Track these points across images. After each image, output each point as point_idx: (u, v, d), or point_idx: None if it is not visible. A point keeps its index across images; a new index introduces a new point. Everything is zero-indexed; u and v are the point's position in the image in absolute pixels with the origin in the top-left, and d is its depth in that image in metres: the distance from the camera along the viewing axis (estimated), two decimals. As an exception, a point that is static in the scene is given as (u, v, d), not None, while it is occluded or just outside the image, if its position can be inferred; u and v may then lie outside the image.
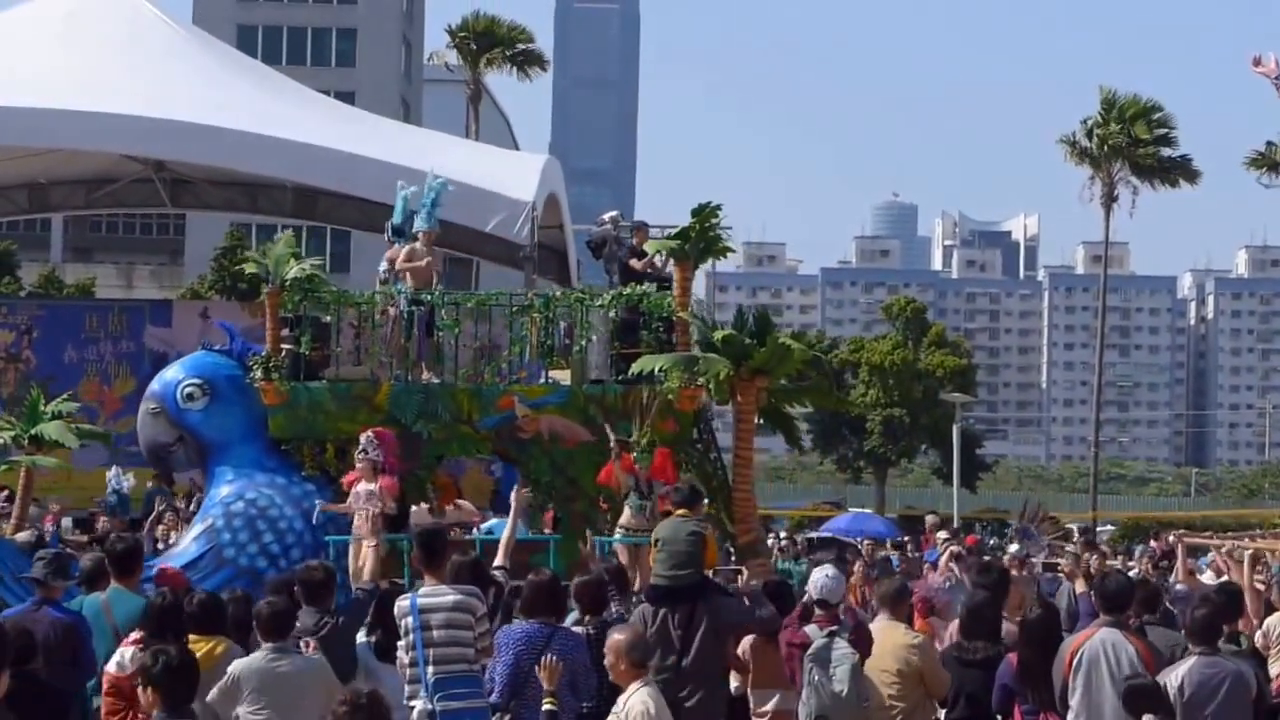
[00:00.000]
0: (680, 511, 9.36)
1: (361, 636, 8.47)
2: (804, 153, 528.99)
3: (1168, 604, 10.63)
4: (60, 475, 17.11)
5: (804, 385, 15.43)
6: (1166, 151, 45.92)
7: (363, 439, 13.04)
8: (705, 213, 14.28)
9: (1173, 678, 7.48)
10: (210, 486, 14.30)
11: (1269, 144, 43.26)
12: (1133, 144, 44.83)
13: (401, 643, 7.96)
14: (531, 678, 7.84)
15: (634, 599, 9.69)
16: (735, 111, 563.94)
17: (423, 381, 14.25)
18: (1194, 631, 7.76)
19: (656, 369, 13.48)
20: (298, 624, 8.09)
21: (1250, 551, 11.12)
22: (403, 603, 8.03)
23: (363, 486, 12.79)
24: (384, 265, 14.87)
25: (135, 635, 7.81)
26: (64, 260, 49.45)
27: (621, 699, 7.02)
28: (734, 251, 15.54)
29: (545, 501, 14.05)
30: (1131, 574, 13.57)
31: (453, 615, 7.88)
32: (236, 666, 7.38)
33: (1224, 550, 11.77)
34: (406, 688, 7.92)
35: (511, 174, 20.95)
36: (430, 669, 7.78)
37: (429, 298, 14.24)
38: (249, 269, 15.16)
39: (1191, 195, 51.34)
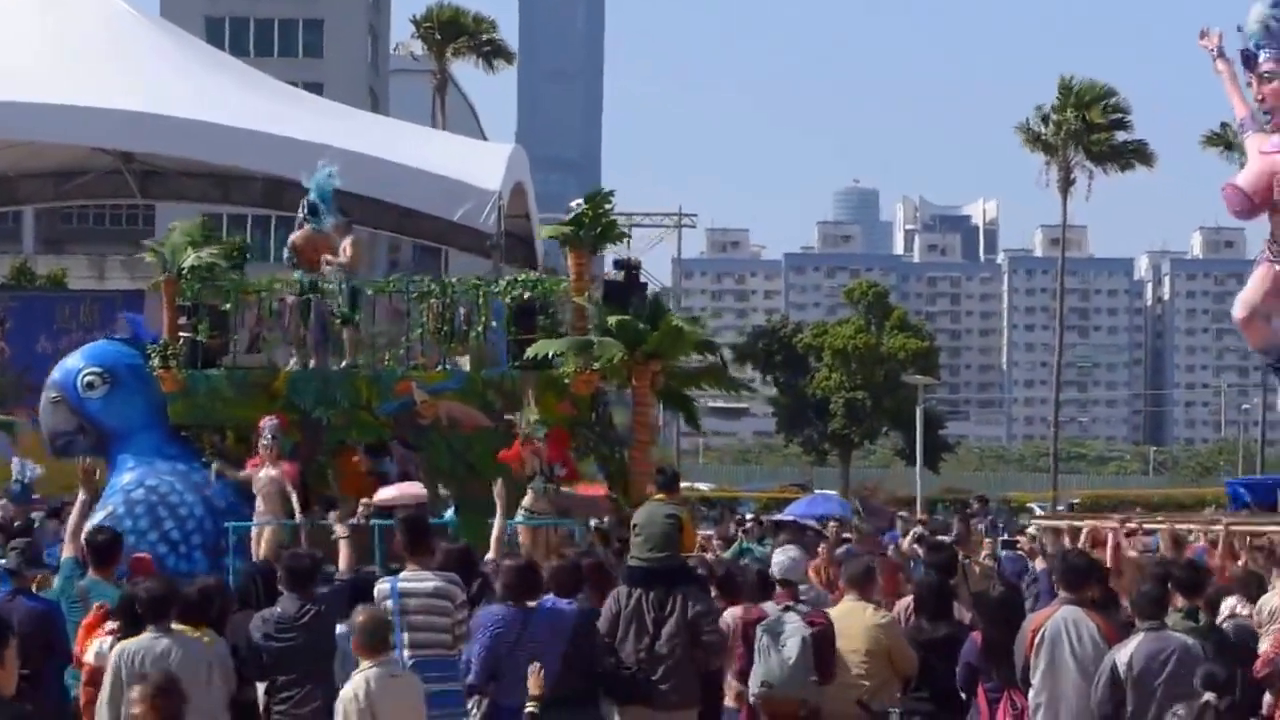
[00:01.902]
0: (658, 495, 9.42)
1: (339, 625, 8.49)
2: (767, 139, 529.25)
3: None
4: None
5: (701, 368, 15.51)
6: (1122, 136, 46.58)
7: (265, 425, 13.15)
8: (598, 199, 14.43)
9: (1121, 654, 7.54)
10: (112, 474, 14.22)
11: (1224, 124, 43.92)
12: (1088, 129, 45.46)
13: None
14: (508, 660, 7.95)
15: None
16: (698, 99, 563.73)
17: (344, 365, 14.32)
18: (1139, 607, 7.80)
19: (552, 353, 13.56)
20: (278, 609, 8.26)
21: (1088, 529, 11.32)
22: (383, 585, 8.14)
23: (264, 472, 12.96)
24: (287, 250, 14.99)
25: (111, 625, 7.92)
26: (35, 252, 49.29)
27: None
28: (627, 237, 15.61)
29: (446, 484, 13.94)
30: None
31: (432, 601, 7.97)
32: (118, 646, 7.48)
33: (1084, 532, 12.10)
34: None
35: (478, 163, 21.16)
36: (408, 652, 7.88)
37: (328, 286, 14.31)
38: (148, 258, 15.16)
39: (1148, 178, 52.09)
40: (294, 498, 12.94)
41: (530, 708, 7.59)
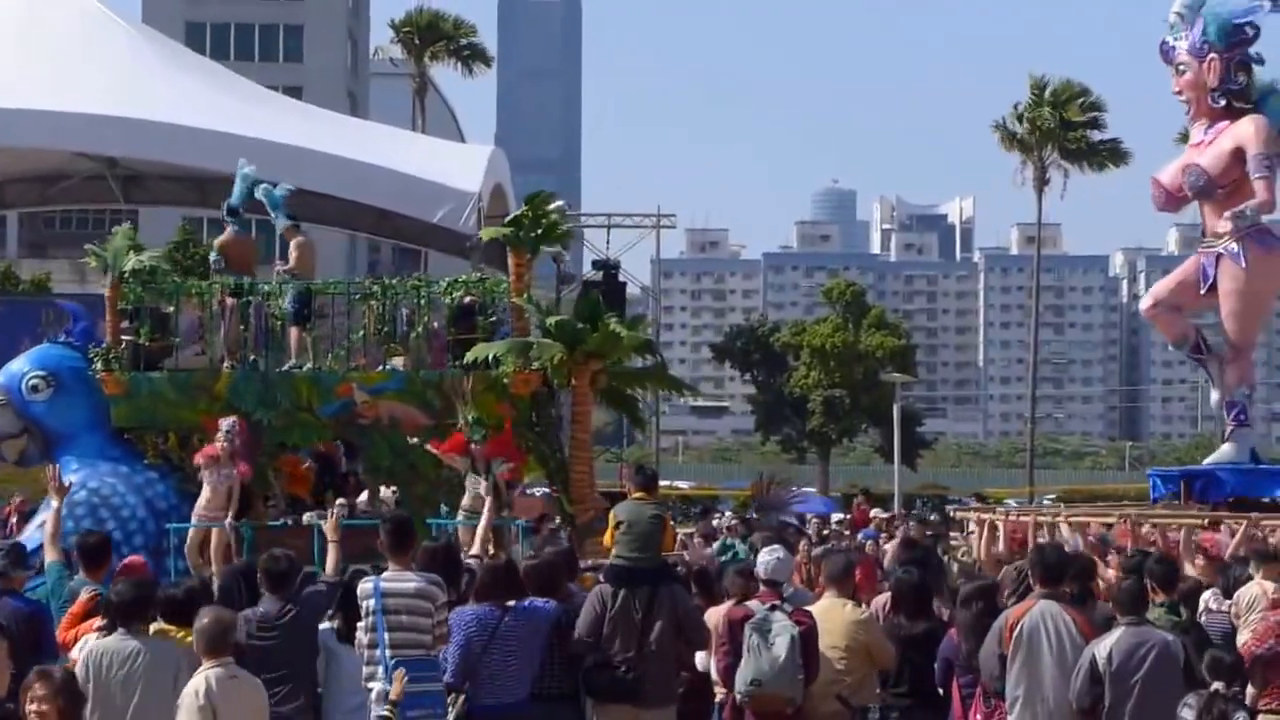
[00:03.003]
0: (638, 494, 9.36)
1: (325, 624, 8.61)
2: (745, 140, 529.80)
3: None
4: (12, 468, 17.23)
5: (643, 369, 15.56)
6: (1096, 135, 46.96)
7: (224, 424, 13.29)
8: (538, 200, 14.51)
9: (1100, 648, 7.62)
10: None
11: (1196, 122, 44.35)
12: (1063, 128, 45.81)
13: (361, 624, 8.14)
14: (484, 660, 8.05)
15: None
16: (677, 100, 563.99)
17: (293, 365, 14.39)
18: (1121, 602, 7.86)
19: (491, 355, 13.63)
20: (259, 610, 8.36)
21: (1005, 524, 11.34)
22: (366, 585, 8.20)
23: (220, 469, 13.13)
24: (214, 254, 15.16)
25: (98, 623, 7.96)
26: (19, 256, 49.34)
27: None
28: (567, 238, 15.54)
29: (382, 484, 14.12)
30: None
31: (414, 602, 8.02)
32: (87, 648, 7.50)
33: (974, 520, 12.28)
34: (364, 669, 8.10)
35: (457, 166, 21.34)
36: (389, 652, 7.93)
37: (265, 288, 14.42)
38: (91, 263, 15.22)
39: (1123, 175, 52.49)
40: (234, 500, 13.16)
41: (384, 711, 7.70)
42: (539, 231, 14.29)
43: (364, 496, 14.25)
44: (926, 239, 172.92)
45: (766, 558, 8.86)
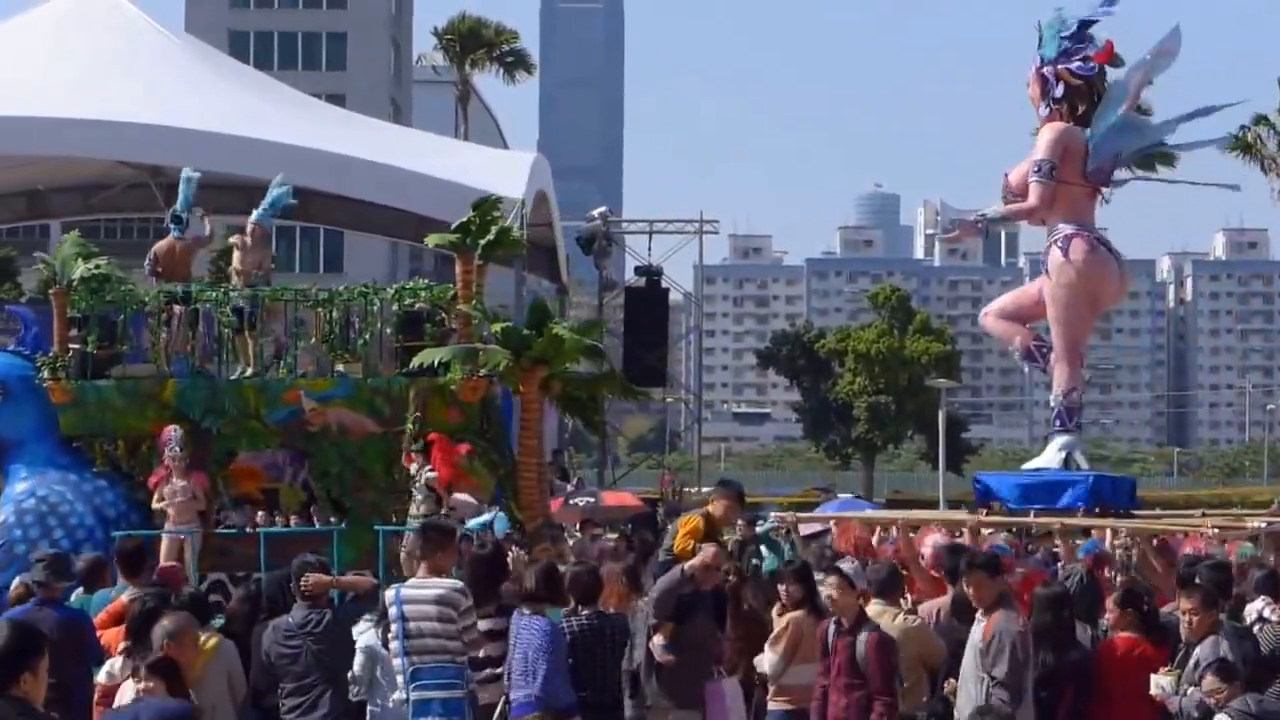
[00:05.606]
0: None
1: (373, 636, 8.57)
2: (788, 145, 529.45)
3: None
4: None
5: (596, 375, 15.50)
6: (1142, 138, 46.54)
7: (171, 436, 13.22)
8: (485, 206, 14.33)
9: (1221, 648, 7.85)
10: (5, 485, 14.30)
11: (1243, 127, 43.84)
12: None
13: (391, 632, 8.13)
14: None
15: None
16: (719, 106, 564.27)
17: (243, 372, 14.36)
18: (1225, 606, 8.28)
19: (437, 361, 13.56)
20: (288, 618, 8.41)
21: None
22: (388, 593, 8.21)
23: (175, 482, 13.14)
24: (148, 262, 15.10)
25: (122, 645, 7.96)
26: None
27: None
28: (527, 248, 15.24)
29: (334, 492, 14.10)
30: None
31: (434, 608, 7.97)
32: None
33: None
34: (398, 677, 8.11)
35: (500, 172, 21.32)
36: (409, 658, 7.93)
37: (212, 294, 14.39)
38: (41, 270, 15.19)
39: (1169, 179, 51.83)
40: (201, 503, 13.17)
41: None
42: (487, 238, 14.12)
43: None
44: (971, 243, 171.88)
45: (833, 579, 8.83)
